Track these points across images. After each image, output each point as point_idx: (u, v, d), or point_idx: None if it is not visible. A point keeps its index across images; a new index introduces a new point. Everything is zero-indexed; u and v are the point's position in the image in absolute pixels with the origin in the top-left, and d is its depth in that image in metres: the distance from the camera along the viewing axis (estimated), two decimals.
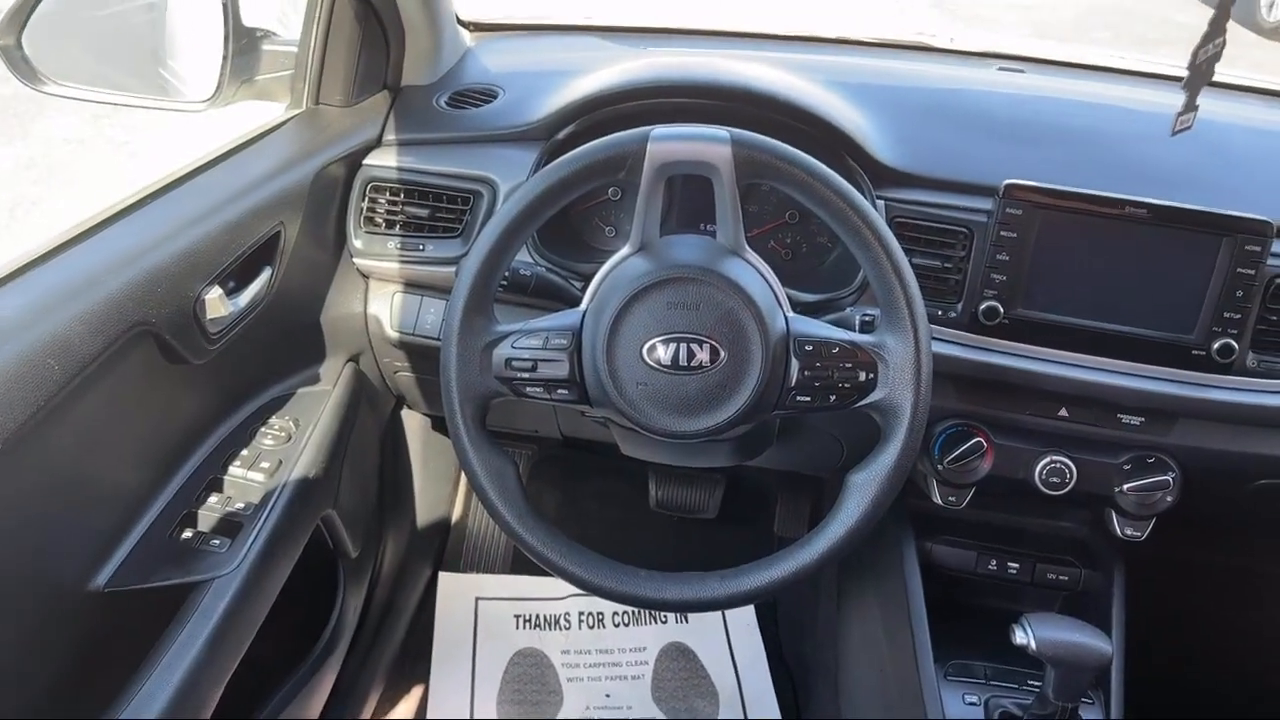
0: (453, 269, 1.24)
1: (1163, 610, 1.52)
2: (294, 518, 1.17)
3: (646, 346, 0.93)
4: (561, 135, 1.26)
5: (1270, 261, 1.11)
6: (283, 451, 1.21)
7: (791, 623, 1.79)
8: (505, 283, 1.10)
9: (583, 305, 0.99)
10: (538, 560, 0.99)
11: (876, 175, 1.19)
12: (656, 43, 1.48)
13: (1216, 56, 0.91)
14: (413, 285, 1.30)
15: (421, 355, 1.34)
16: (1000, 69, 1.47)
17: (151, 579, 1.03)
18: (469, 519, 1.97)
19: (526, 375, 0.95)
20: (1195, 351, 1.13)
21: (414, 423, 1.73)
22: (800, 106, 1.22)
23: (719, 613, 1.80)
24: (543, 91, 1.30)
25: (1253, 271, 1.11)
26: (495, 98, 1.34)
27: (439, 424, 1.76)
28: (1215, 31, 0.90)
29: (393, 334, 1.32)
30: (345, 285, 1.33)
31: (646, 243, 0.97)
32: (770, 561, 0.98)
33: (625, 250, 0.98)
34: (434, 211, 1.26)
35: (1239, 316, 1.12)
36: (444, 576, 1.88)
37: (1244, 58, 6.93)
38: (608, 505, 2.02)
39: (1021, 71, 1.47)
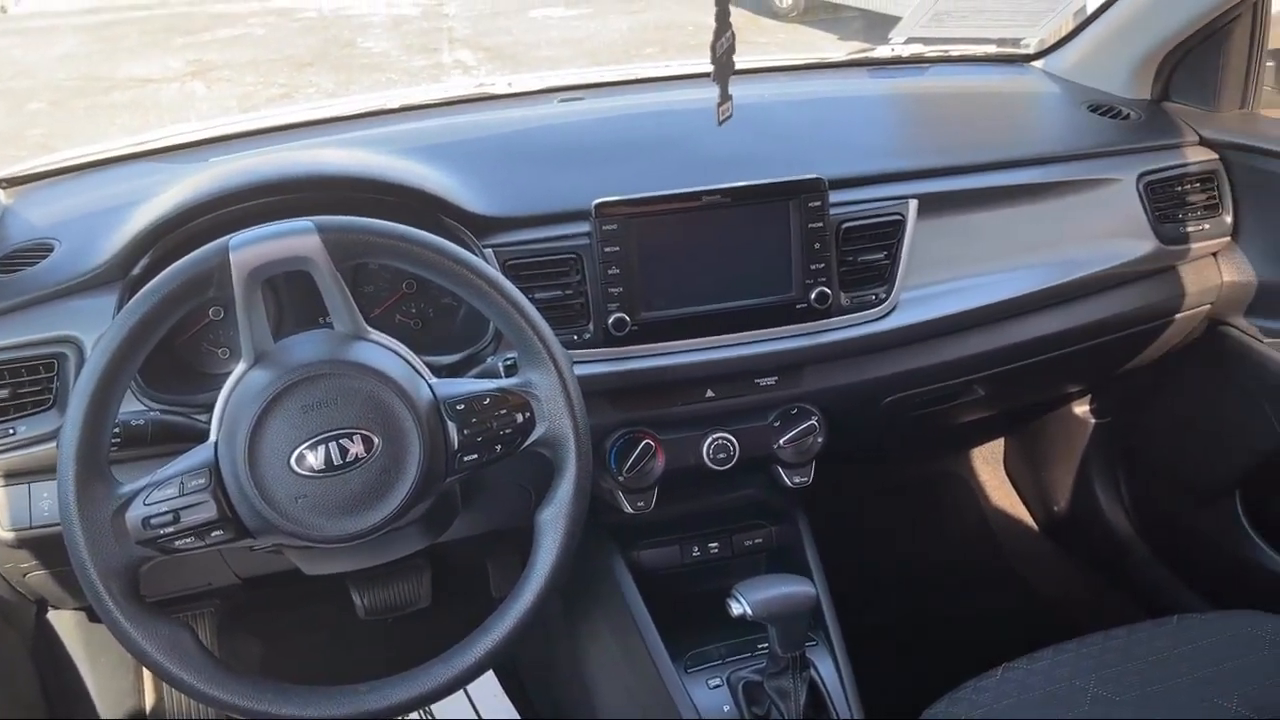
0: (54, 444, 1.11)
1: (850, 538, 1.66)
2: None
3: (294, 457, 0.88)
4: (137, 270, 1.17)
5: (833, 211, 1.25)
6: None
7: (535, 673, 1.78)
8: (118, 439, 1.00)
9: (212, 436, 0.92)
10: (248, 716, 0.91)
11: (476, 227, 1.21)
12: (218, 152, 1.42)
13: (731, 48, 1.01)
14: (14, 475, 1.15)
15: (48, 547, 1.19)
16: (561, 100, 1.54)
17: None
18: (165, 702, 1.78)
19: (171, 529, 0.87)
20: (799, 306, 1.25)
21: (66, 622, 1.53)
22: (382, 180, 1.22)
23: (460, 693, 1.75)
24: (105, 230, 1.20)
25: (821, 224, 1.24)
26: (51, 251, 1.21)
27: (94, 613, 1.58)
28: (722, 27, 1.00)
29: (6, 535, 1.15)
30: None
31: (261, 353, 0.92)
32: (487, 626, 0.97)
33: (241, 367, 0.93)
34: (15, 389, 1.12)
35: (823, 265, 1.25)
36: None
37: (773, 42, 7.80)
38: (317, 633, 1.90)
39: (581, 99, 1.56)
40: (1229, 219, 1.50)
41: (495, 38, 8.37)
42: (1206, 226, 1.48)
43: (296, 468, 0.88)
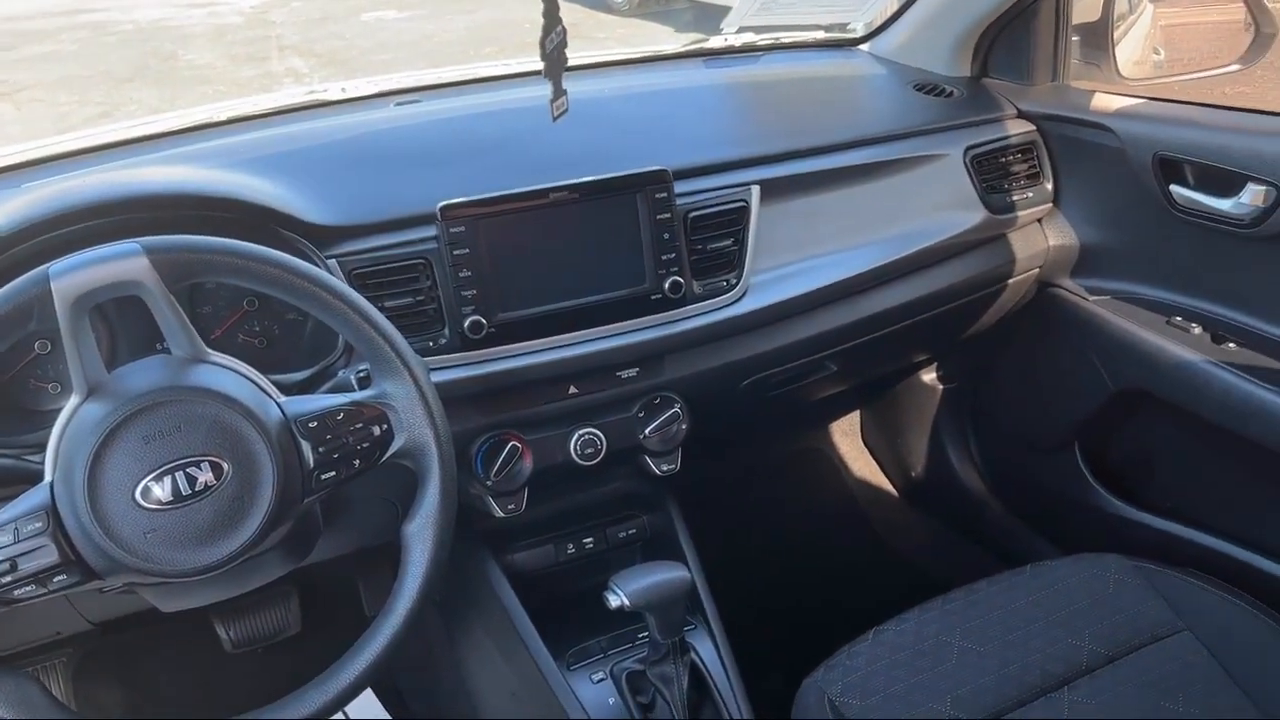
0: None
1: (721, 520, 1.69)
2: None
3: (139, 491, 0.84)
4: None
5: (679, 201, 1.27)
6: None
7: (417, 688, 1.75)
8: None
9: (47, 477, 0.87)
10: None
11: (316, 238, 1.17)
12: (33, 176, 1.33)
13: (563, 44, 1.01)
14: None
15: None
16: (398, 104, 1.51)
17: None
18: None
19: (8, 579, 0.82)
20: (653, 296, 1.26)
21: None
22: (211, 195, 1.17)
23: (338, 714, 1.70)
24: None
25: (669, 214, 1.25)
26: None
27: None
28: (551, 23, 0.99)
29: None
30: None
31: (95, 385, 0.87)
32: (360, 645, 0.95)
33: (74, 401, 0.88)
34: None
35: (674, 255, 1.26)
36: None
37: (611, 37, 7.85)
38: (183, 672, 1.82)
39: (418, 101, 1.53)
40: (1050, 186, 1.59)
41: (327, 43, 8.15)
42: (1030, 195, 1.56)
43: (142, 501, 0.84)
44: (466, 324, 1.18)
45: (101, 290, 0.85)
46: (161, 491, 0.84)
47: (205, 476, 0.85)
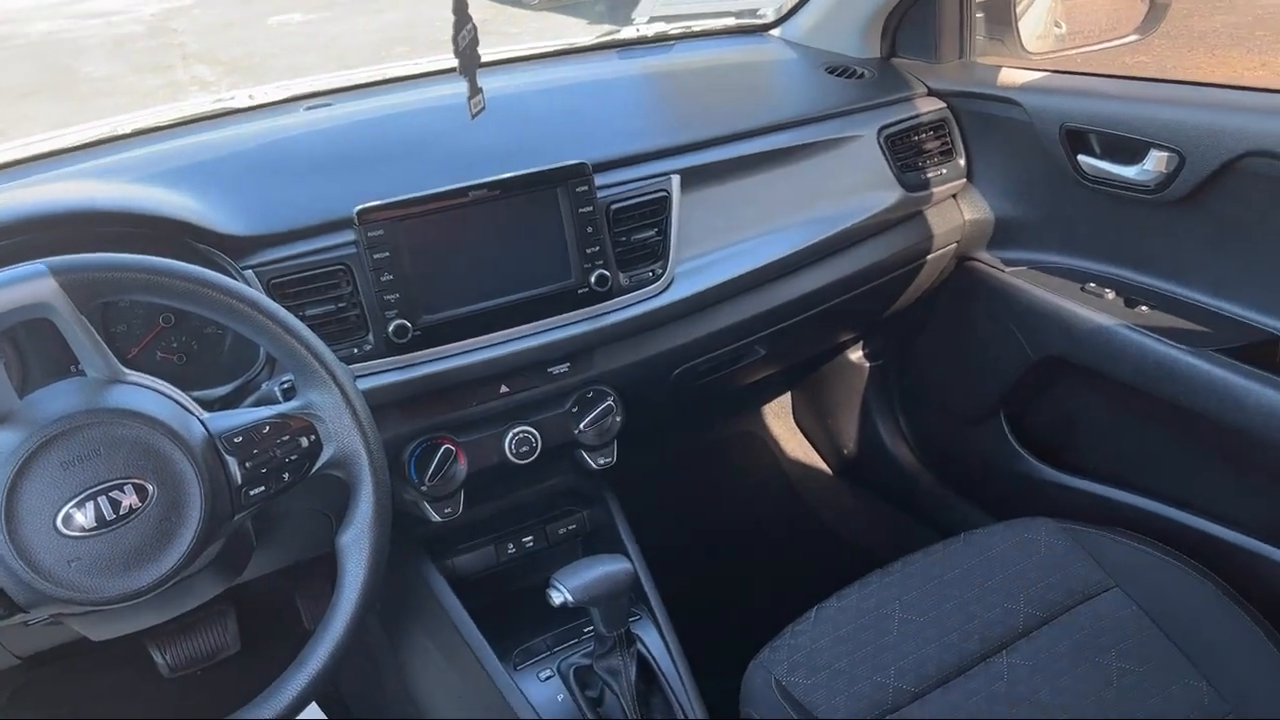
0: None
1: (660, 509, 1.70)
2: None
3: (60, 519, 0.82)
4: None
5: (600, 194, 1.26)
6: None
7: (362, 701, 1.72)
8: None
9: None
10: None
11: (231, 249, 1.15)
12: None
13: (475, 41, 1.00)
14: None
15: None
16: (308, 108, 1.48)
17: None
18: None
19: None
20: (580, 290, 1.26)
21: None
22: (119, 210, 1.13)
23: None
24: None
25: (590, 208, 1.25)
26: None
27: None
28: (462, 20, 0.98)
29: None
30: None
31: (6, 413, 0.84)
32: (302, 660, 0.94)
33: None
34: None
35: (598, 248, 1.26)
36: None
37: (525, 31, 7.81)
38: (120, 700, 1.77)
39: (330, 105, 1.50)
40: (963, 162, 1.62)
41: (232, 50, 7.98)
42: (944, 171, 1.59)
43: (64, 529, 0.82)
44: (391, 328, 1.17)
45: (8, 315, 0.82)
46: (84, 518, 0.82)
47: (129, 500, 0.83)
